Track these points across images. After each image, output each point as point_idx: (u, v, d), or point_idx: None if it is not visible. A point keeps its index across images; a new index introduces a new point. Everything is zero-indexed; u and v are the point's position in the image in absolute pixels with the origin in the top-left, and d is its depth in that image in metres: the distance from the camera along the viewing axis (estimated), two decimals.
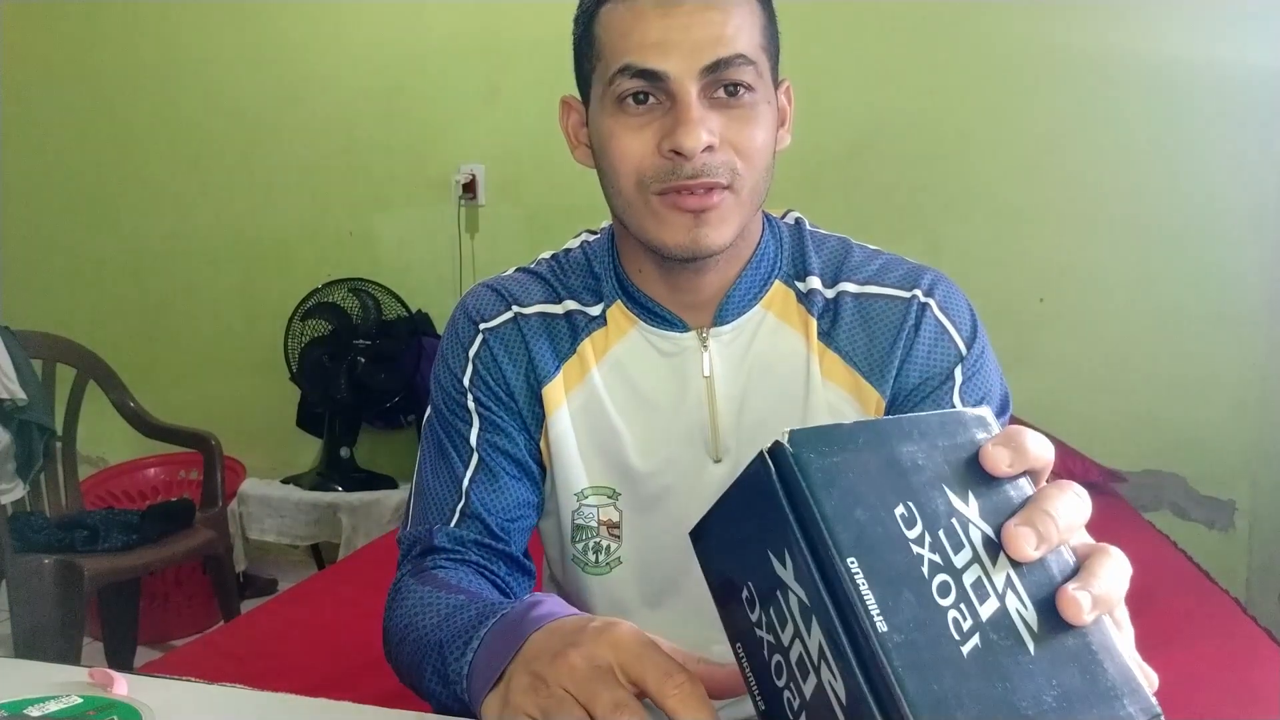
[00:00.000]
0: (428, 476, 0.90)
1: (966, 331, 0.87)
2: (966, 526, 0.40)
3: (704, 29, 0.76)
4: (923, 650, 0.36)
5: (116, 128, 3.35)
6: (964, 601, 0.38)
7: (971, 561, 0.39)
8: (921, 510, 0.39)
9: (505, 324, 0.90)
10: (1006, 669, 0.37)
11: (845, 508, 0.38)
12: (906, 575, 0.37)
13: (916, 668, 0.35)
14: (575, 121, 0.88)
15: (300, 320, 2.93)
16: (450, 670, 0.67)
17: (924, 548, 0.38)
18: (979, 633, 0.37)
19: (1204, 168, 2.56)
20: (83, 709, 0.75)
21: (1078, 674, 0.38)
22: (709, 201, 0.79)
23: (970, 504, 0.40)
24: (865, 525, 0.38)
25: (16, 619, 2.12)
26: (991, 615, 0.38)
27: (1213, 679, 1.48)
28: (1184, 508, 2.63)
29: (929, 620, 0.37)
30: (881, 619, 0.36)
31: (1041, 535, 0.40)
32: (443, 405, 0.91)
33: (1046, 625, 0.39)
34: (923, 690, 0.35)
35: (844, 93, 2.67)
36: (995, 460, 0.42)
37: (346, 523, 2.80)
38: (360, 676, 1.51)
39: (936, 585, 0.38)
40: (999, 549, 0.40)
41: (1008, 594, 0.39)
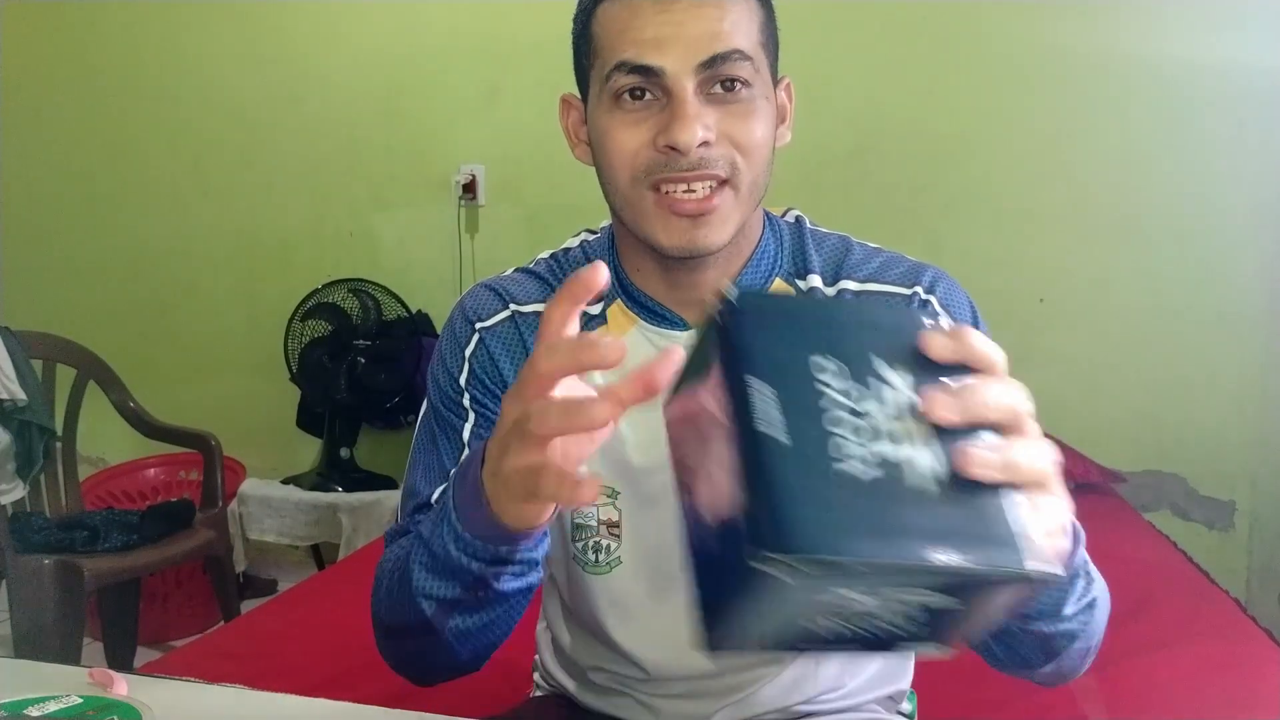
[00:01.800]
0: (417, 475, 0.90)
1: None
2: (892, 391, 0.43)
3: (700, 25, 0.76)
4: (807, 462, 0.40)
5: (116, 127, 3.35)
6: (858, 435, 0.42)
7: (879, 412, 0.43)
8: (848, 367, 0.44)
9: (502, 322, 0.90)
10: (890, 496, 0.40)
11: (769, 346, 0.43)
12: (805, 404, 0.42)
13: (795, 470, 0.40)
14: (575, 119, 0.89)
15: (300, 320, 2.93)
16: (435, 544, 0.68)
17: (833, 390, 0.43)
18: (863, 462, 0.41)
19: (1204, 168, 2.56)
20: (83, 709, 0.75)
21: (965, 520, 0.41)
22: (707, 205, 0.79)
23: (899, 374, 0.44)
24: (784, 363, 0.43)
25: (16, 619, 2.12)
26: (882, 454, 0.41)
27: (1213, 679, 1.48)
28: (1184, 508, 2.63)
29: (822, 445, 0.41)
30: (764, 424, 0.41)
31: (957, 402, 0.43)
32: (438, 403, 0.91)
33: (948, 479, 0.42)
34: (794, 486, 0.39)
35: (845, 93, 2.67)
36: (929, 341, 0.45)
37: (346, 523, 2.80)
38: (360, 676, 1.51)
39: (834, 418, 0.42)
40: (915, 413, 0.43)
41: (906, 443, 0.42)
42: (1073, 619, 0.69)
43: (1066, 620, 0.69)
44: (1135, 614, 1.72)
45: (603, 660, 0.94)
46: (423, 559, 0.70)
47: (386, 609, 0.80)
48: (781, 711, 0.93)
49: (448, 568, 0.68)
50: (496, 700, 1.08)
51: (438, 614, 0.72)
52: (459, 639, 0.74)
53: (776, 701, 0.92)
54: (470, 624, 0.73)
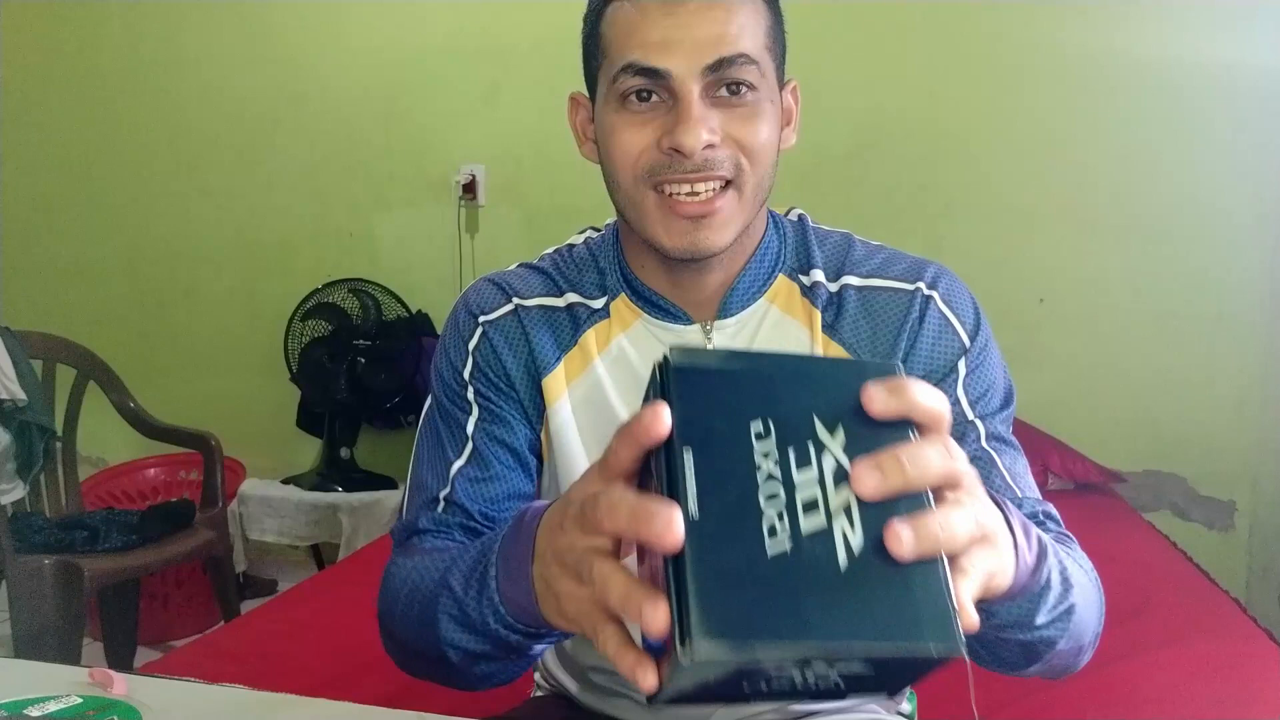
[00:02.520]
0: (423, 469, 0.90)
1: (970, 324, 0.87)
2: (822, 453, 0.44)
3: (707, 28, 0.77)
4: (726, 540, 0.41)
5: (116, 128, 3.35)
6: (788, 512, 0.42)
7: (813, 481, 0.43)
8: (780, 430, 0.44)
9: (505, 316, 0.90)
10: (807, 575, 0.41)
11: (702, 411, 0.44)
12: (736, 477, 0.42)
13: (713, 552, 0.41)
14: (583, 117, 0.89)
15: (300, 320, 2.93)
16: (470, 606, 0.67)
17: (767, 460, 0.43)
18: (792, 541, 0.41)
19: (1204, 168, 2.56)
20: (83, 709, 0.76)
21: (884, 597, 0.41)
22: (709, 208, 0.79)
23: (837, 436, 0.44)
24: (715, 430, 0.43)
25: (16, 619, 2.12)
26: (813, 531, 0.42)
27: (1213, 679, 1.48)
28: (1184, 508, 2.63)
29: (743, 518, 0.42)
30: (695, 506, 0.41)
31: (885, 476, 0.43)
32: (442, 396, 0.91)
33: (869, 552, 0.42)
34: (710, 570, 0.40)
35: (845, 93, 2.67)
36: (869, 398, 0.45)
37: (346, 523, 2.80)
38: (360, 676, 1.51)
39: (766, 493, 0.42)
40: (848, 479, 0.43)
41: (839, 517, 0.42)
42: (1048, 627, 0.69)
43: (1041, 629, 0.69)
44: (1135, 614, 1.72)
45: (602, 660, 0.94)
46: (453, 613, 0.70)
47: (402, 628, 0.79)
48: (779, 711, 0.93)
49: (482, 631, 0.68)
50: (497, 700, 1.07)
51: (463, 660, 0.72)
52: (481, 679, 0.75)
53: (773, 704, 0.92)
54: (496, 669, 0.73)
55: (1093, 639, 0.78)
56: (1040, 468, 2.44)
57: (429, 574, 0.76)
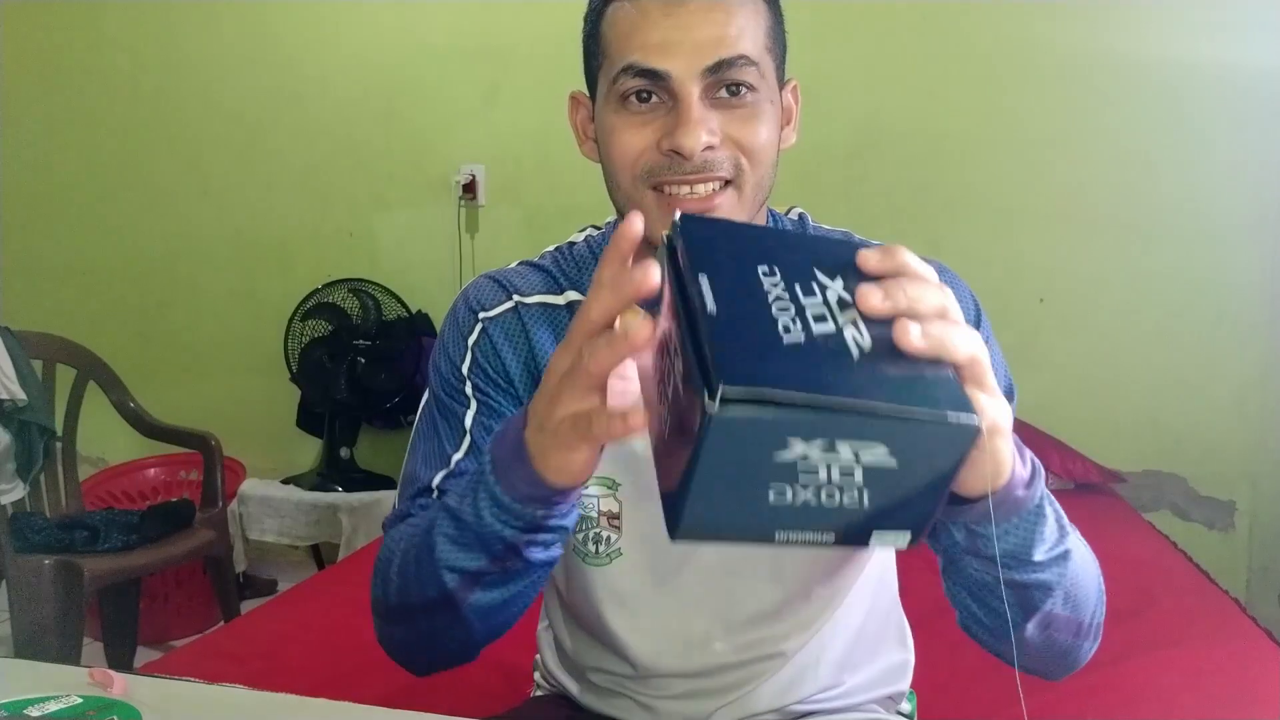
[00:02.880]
0: (418, 461, 0.89)
1: (970, 320, 0.87)
2: (825, 289, 0.47)
3: (707, 29, 0.77)
4: (743, 329, 0.44)
5: (116, 128, 3.35)
6: (799, 317, 0.45)
7: (820, 304, 0.46)
8: (784, 270, 0.48)
9: (506, 313, 0.90)
10: (822, 357, 0.44)
11: (711, 252, 0.48)
12: (749, 294, 0.46)
13: (733, 335, 0.44)
14: (583, 116, 0.90)
15: (300, 320, 2.93)
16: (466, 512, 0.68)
17: (775, 287, 0.47)
18: (805, 335, 0.44)
19: (1204, 168, 2.56)
20: (83, 709, 0.75)
21: (899, 379, 0.44)
22: (709, 205, 0.80)
23: (836, 280, 0.48)
24: (725, 265, 0.47)
25: (16, 619, 2.12)
26: (823, 331, 0.45)
27: (1213, 679, 1.48)
28: (1184, 508, 2.63)
29: (757, 316, 0.45)
30: (714, 304, 0.45)
31: (888, 293, 0.47)
32: (440, 390, 0.91)
33: (879, 350, 0.45)
34: (732, 344, 0.43)
35: (845, 93, 2.67)
36: (865, 258, 0.49)
37: (346, 523, 2.80)
38: (360, 677, 1.51)
39: (776, 304, 0.46)
40: (852, 306, 0.47)
41: (847, 326, 0.46)
42: (1045, 568, 0.69)
43: (1038, 569, 0.68)
44: (1135, 614, 1.72)
45: (601, 660, 0.94)
46: (448, 530, 0.70)
47: (398, 589, 0.79)
48: (779, 711, 0.93)
49: (478, 537, 0.68)
50: (497, 700, 1.08)
51: (460, 587, 0.72)
52: (478, 614, 0.74)
53: (774, 701, 0.92)
54: (492, 598, 0.73)
55: (1093, 625, 0.77)
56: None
57: (422, 522, 0.76)
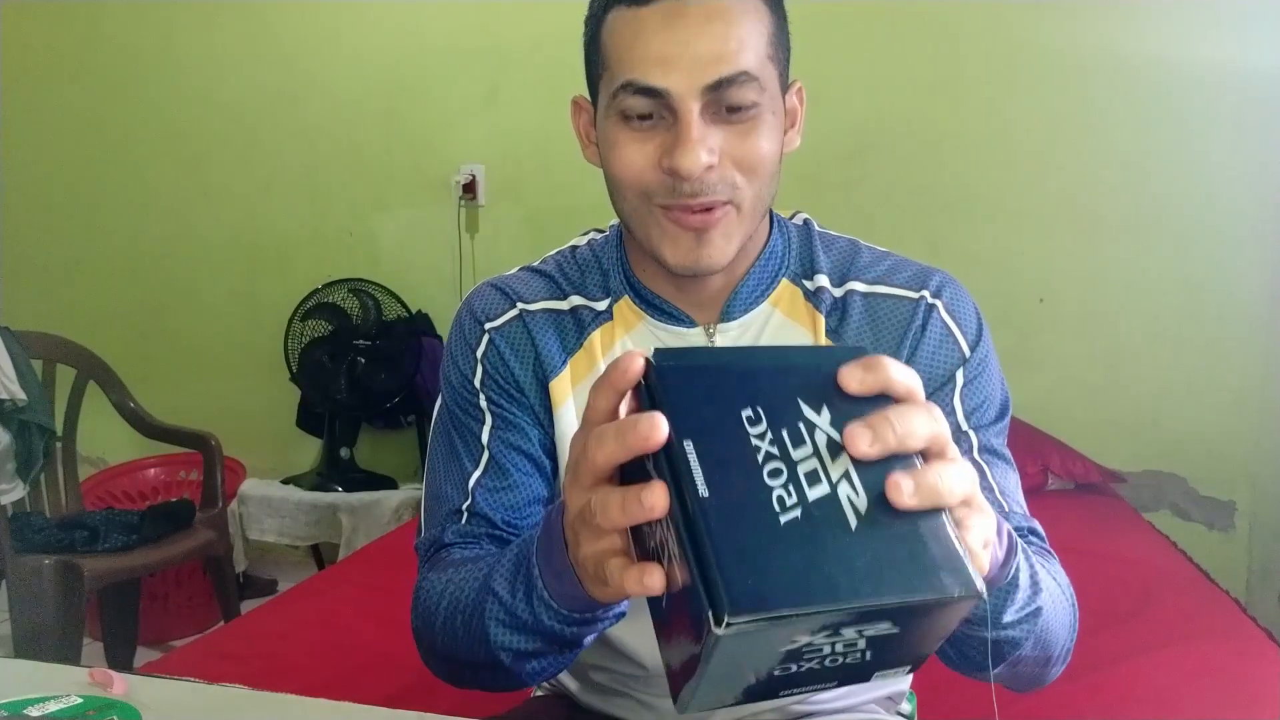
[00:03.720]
0: (440, 480, 0.90)
1: (971, 335, 0.88)
2: (813, 430, 0.46)
3: (707, 43, 0.76)
4: (739, 516, 0.42)
5: (116, 128, 3.35)
6: (793, 483, 0.44)
7: (810, 456, 0.45)
8: (770, 413, 0.46)
9: (510, 322, 0.90)
10: (822, 538, 0.42)
11: (693, 404, 0.46)
12: (739, 459, 0.44)
13: (729, 528, 0.42)
14: (585, 121, 0.89)
15: (300, 321, 2.93)
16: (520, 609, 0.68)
17: (763, 441, 0.45)
18: (801, 507, 0.43)
19: (1204, 168, 2.56)
20: (83, 709, 0.76)
21: (898, 550, 0.43)
22: (710, 219, 0.79)
23: (823, 414, 0.46)
24: (708, 419, 0.45)
25: (16, 619, 2.12)
26: (818, 497, 0.44)
27: (1213, 679, 1.48)
28: (1184, 508, 2.63)
29: (751, 494, 0.43)
30: (705, 487, 0.43)
31: (876, 435, 0.45)
32: (454, 406, 0.91)
33: (875, 510, 0.44)
34: (731, 546, 0.41)
35: (845, 94, 2.67)
36: (846, 377, 0.47)
37: (346, 523, 2.80)
38: (360, 676, 1.51)
39: (768, 470, 0.44)
40: (842, 449, 0.45)
41: (841, 483, 0.44)
42: (1014, 627, 0.70)
43: (1007, 628, 0.70)
44: (1135, 614, 1.72)
45: (603, 659, 0.94)
46: (502, 618, 0.70)
47: (445, 643, 0.79)
48: (780, 711, 0.93)
49: (534, 630, 0.68)
50: (497, 700, 1.07)
51: (515, 661, 0.73)
52: (533, 675, 0.75)
53: (775, 699, 0.92)
54: (548, 664, 0.74)
55: (1062, 653, 0.79)
56: (1040, 468, 2.44)
57: (467, 585, 0.76)
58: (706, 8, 0.76)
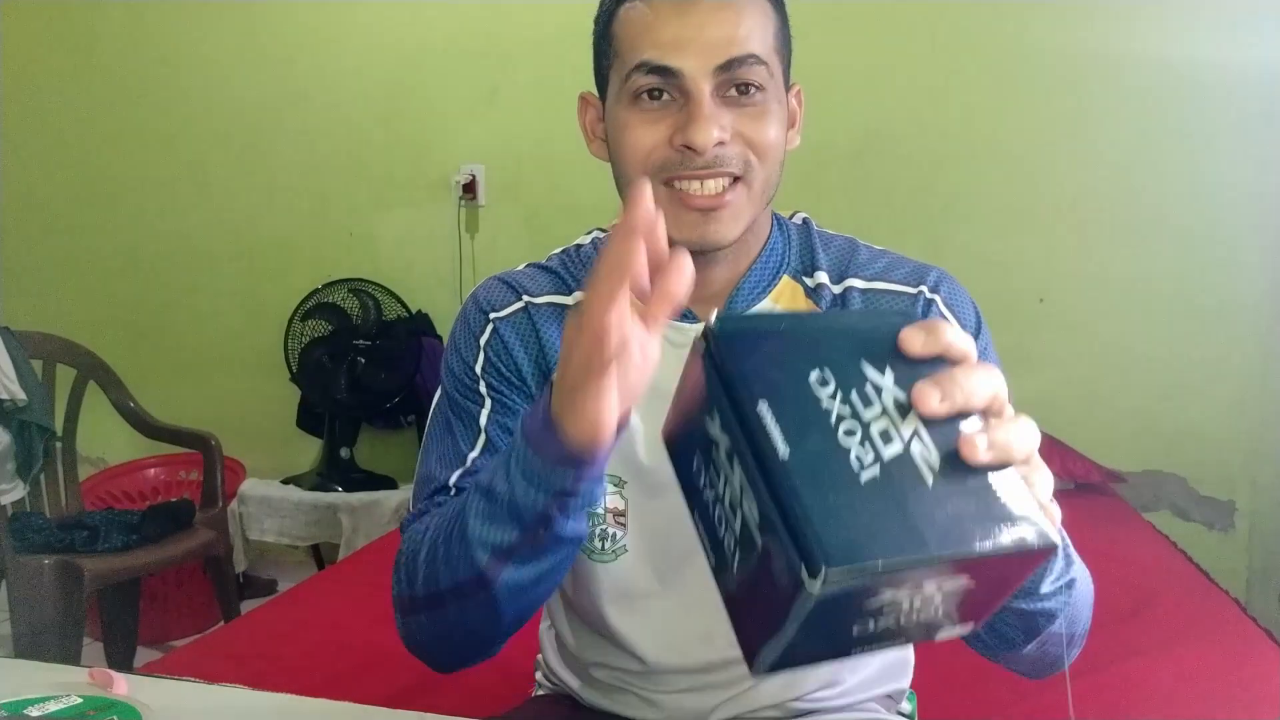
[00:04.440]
0: (432, 462, 0.90)
1: (970, 328, 0.89)
2: (880, 391, 0.46)
3: (718, 28, 0.79)
4: (821, 474, 0.43)
5: (116, 127, 3.35)
6: (868, 442, 0.44)
7: (880, 415, 0.45)
8: (837, 375, 0.46)
9: (516, 313, 0.91)
10: (902, 493, 0.43)
11: (762, 367, 0.46)
12: (813, 420, 0.45)
13: (814, 486, 0.42)
14: (592, 117, 0.91)
15: (300, 321, 2.93)
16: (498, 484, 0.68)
17: (835, 402, 0.45)
18: (879, 465, 0.44)
19: (1204, 168, 2.56)
20: (83, 709, 0.76)
21: (974, 503, 0.44)
22: (719, 201, 0.81)
23: (886, 375, 0.47)
24: (779, 382, 0.46)
25: (16, 619, 2.12)
26: (894, 455, 0.44)
27: (1213, 679, 1.48)
28: (1184, 508, 2.63)
29: (830, 453, 0.44)
30: (785, 447, 0.43)
31: (945, 393, 0.46)
32: (453, 390, 0.91)
33: (948, 466, 0.44)
34: (817, 503, 0.42)
35: (845, 94, 2.67)
36: (909, 340, 0.48)
37: (346, 523, 2.80)
38: (360, 676, 1.51)
39: (843, 429, 0.44)
40: (910, 409, 0.46)
41: (914, 441, 0.45)
42: (1051, 598, 0.71)
43: (1045, 599, 0.71)
44: (1135, 614, 1.72)
45: (605, 656, 0.95)
46: (480, 506, 0.71)
47: (425, 577, 0.78)
48: (780, 708, 0.93)
49: (510, 508, 0.68)
50: (498, 700, 1.08)
51: (492, 564, 0.72)
52: (509, 594, 0.74)
53: (776, 696, 0.93)
54: (523, 575, 0.73)
55: (1083, 633, 0.80)
56: None
57: (450, 509, 0.76)
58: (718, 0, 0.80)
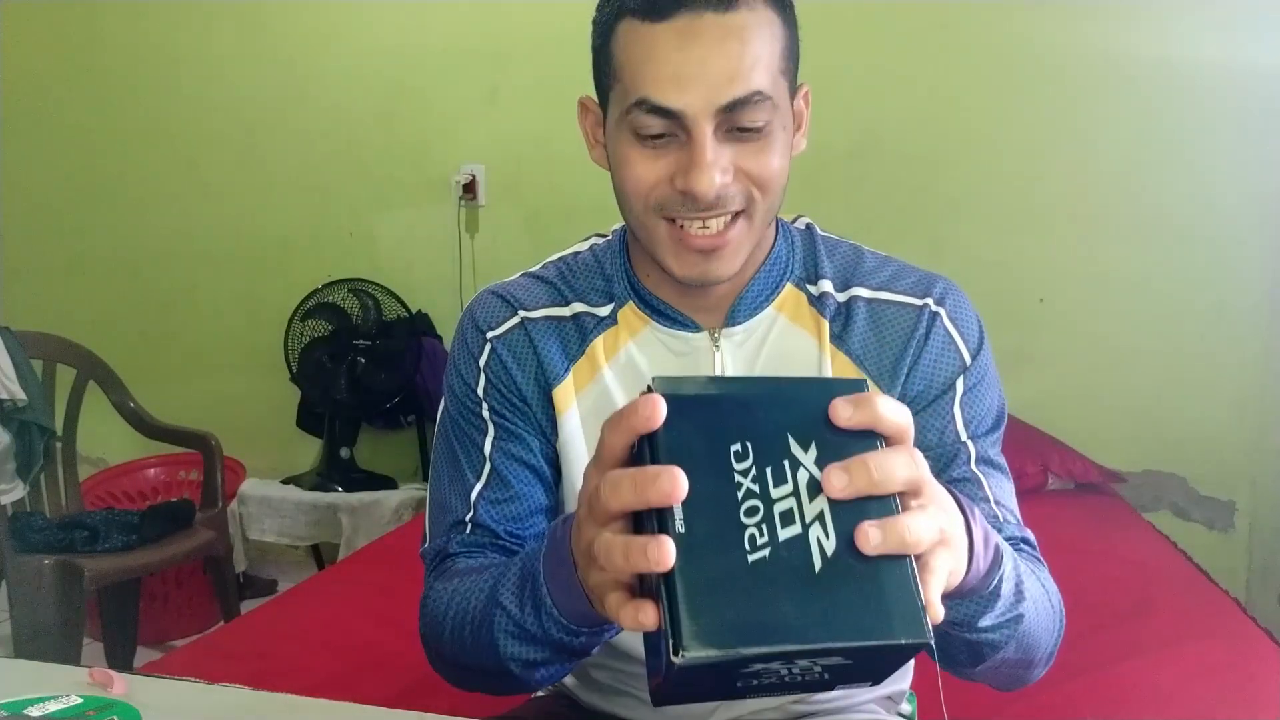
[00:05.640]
0: (444, 488, 0.91)
1: (973, 344, 0.88)
2: (797, 468, 0.48)
3: (722, 63, 0.75)
4: (710, 553, 0.45)
5: (116, 127, 3.34)
6: (766, 523, 0.46)
7: (789, 495, 0.47)
8: (757, 449, 0.48)
9: (512, 330, 0.90)
10: (784, 578, 0.45)
11: (685, 435, 0.48)
12: (719, 496, 0.47)
13: (699, 565, 0.45)
14: (592, 122, 0.88)
15: (300, 321, 2.93)
16: (529, 623, 0.69)
17: (746, 478, 0.47)
18: (770, 547, 0.46)
19: (1204, 168, 2.55)
20: (82, 709, 0.76)
21: (856, 594, 0.46)
22: (720, 240, 0.80)
23: (810, 451, 0.48)
24: (697, 452, 0.47)
25: (16, 619, 2.12)
26: (789, 537, 0.46)
27: (1213, 679, 1.48)
28: (1184, 508, 2.63)
29: (725, 532, 0.46)
30: (682, 523, 0.46)
31: (852, 478, 0.47)
32: (457, 415, 0.92)
33: (842, 552, 0.46)
34: (698, 582, 0.45)
35: (845, 94, 2.66)
36: (837, 412, 0.48)
37: (346, 523, 2.80)
38: (360, 677, 1.51)
39: (745, 508, 0.46)
40: (821, 489, 0.47)
41: (814, 525, 0.47)
42: (993, 631, 0.72)
43: (986, 632, 0.72)
44: (1135, 614, 1.72)
45: (604, 658, 0.95)
46: (510, 630, 0.71)
47: (454, 652, 0.81)
48: (780, 709, 0.93)
49: (543, 641, 0.69)
50: (497, 700, 1.08)
51: (524, 670, 0.74)
52: (541, 681, 0.77)
53: (775, 698, 0.92)
54: (556, 671, 0.76)
55: (1045, 656, 0.81)
56: (1040, 468, 2.44)
57: (473, 596, 0.77)
58: (722, 25, 0.75)
